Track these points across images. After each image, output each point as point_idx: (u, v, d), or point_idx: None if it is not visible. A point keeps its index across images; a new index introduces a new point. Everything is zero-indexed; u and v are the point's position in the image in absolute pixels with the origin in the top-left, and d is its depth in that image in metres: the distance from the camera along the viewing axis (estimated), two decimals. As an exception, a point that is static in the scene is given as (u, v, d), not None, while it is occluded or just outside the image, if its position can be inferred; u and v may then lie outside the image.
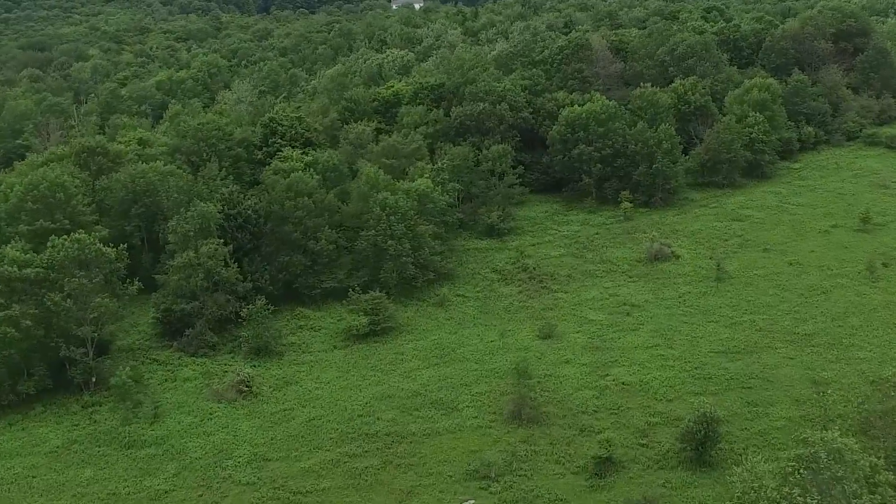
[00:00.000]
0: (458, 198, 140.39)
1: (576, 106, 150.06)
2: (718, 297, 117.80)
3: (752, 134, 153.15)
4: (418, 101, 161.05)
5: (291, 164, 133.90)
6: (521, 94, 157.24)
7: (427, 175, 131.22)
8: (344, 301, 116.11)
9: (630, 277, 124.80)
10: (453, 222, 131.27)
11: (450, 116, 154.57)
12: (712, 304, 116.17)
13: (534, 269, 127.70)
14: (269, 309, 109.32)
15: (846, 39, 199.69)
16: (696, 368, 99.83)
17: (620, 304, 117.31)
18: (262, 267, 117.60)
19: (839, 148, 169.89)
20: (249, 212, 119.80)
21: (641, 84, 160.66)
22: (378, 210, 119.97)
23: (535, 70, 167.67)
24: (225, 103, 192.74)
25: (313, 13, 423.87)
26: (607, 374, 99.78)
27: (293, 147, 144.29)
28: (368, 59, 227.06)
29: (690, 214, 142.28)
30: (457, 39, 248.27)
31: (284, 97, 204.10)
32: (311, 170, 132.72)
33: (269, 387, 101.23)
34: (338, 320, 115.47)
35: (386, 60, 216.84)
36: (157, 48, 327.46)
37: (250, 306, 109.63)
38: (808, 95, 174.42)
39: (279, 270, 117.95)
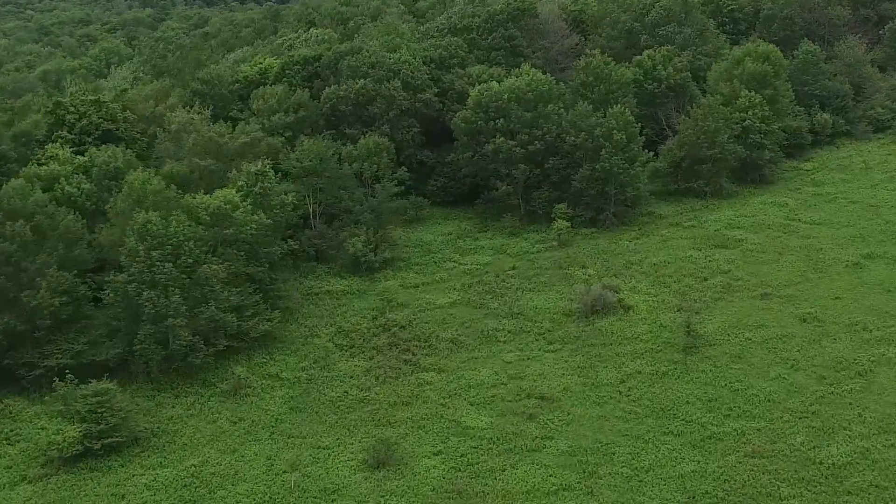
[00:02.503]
0: (314, 215, 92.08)
1: (493, 83, 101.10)
2: (686, 382, 68.96)
3: (745, 121, 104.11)
4: (285, 78, 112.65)
5: (55, 167, 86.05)
6: (424, 68, 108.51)
7: (235, 184, 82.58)
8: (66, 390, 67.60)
9: (549, 343, 75.90)
10: (281, 256, 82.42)
11: (319, 100, 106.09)
12: (675, 396, 67.35)
13: (403, 328, 79.13)
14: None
15: (868, 6, 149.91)
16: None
17: (523, 396, 68.45)
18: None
19: (865, 142, 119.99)
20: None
21: (587, 52, 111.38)
22: (133, 241, 71.40)
23: (452, 39, 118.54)
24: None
25: (284, 2, 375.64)
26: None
27: (83, 142, 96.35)
28: (286, 40, 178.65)
29: (654, 238, 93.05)
30: (396, 18, 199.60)
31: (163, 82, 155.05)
32: (82, 176, 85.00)
33: None
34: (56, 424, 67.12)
35: (297, 41, 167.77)
36: (73, 38, 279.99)
37: None
38: (823, 73, 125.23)
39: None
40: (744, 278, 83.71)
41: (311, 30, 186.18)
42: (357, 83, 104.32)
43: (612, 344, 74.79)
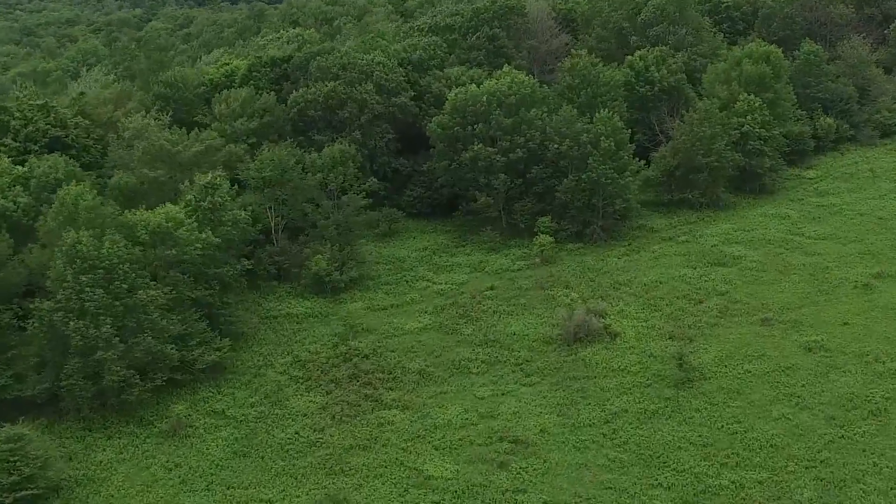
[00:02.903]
0: (276, 230, 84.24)
1: (471, 85, 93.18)
2: (678, 423, 61.13)
3: (744, 127, 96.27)
4: (252, 81, 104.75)
5: (-9, 178, 78.26)
6: (400, 70, 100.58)
7: (185, 198, 74.67)
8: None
9: (527, 375, 68.06)
10: (233, 277, 74.35)
11: (286, 103, 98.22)
12: (665, 439, 59.51)
13: (366, 357, 71.27)
14: None
15: (873, 4, 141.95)
16: None
17: (495, 440, 60.56)
18: None
19: (871, 148, 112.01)
20: None
21: (573, 52, 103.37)
22: (61, 264, 63.50)
23: (431, 38, 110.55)
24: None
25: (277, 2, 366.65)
26: None
27: (29, 150, 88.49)
28: (265, 41, 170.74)
29: (645, 255, 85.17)
30: (383, 18, 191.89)
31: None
32: (19, 188, 77.20)
33: None
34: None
35: (275, 41, 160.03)
36: (54, 39, 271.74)
37: None
38: (825, 75, 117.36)
39: None
40: (742, 300, 75.89)
41: (291, 29, 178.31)
42: (326, 86, 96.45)
43: (595, 377, 66.96)
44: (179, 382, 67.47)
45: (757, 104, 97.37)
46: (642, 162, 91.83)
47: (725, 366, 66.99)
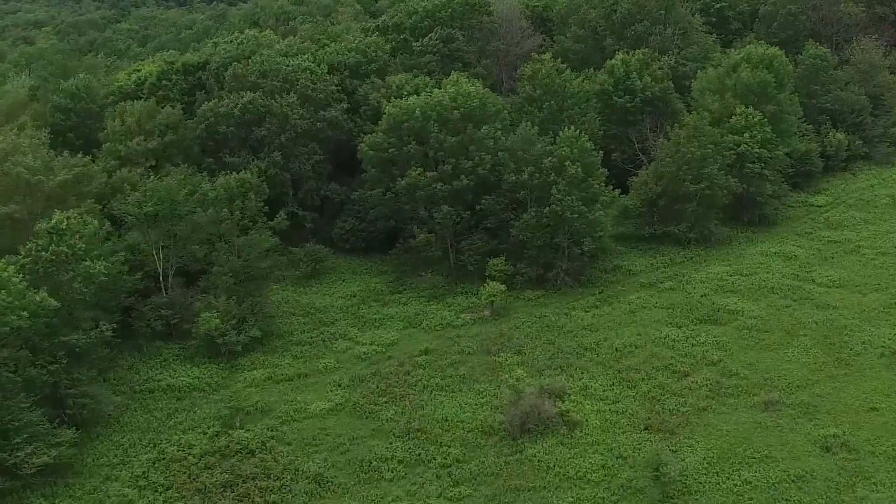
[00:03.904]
0: (164, 277, 67.12)
1: (412, 97, 75.99)
2: (652, 570, 44.31)
3: (741, 146, 79.26)
4: (161, 90, 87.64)
5: None
6: (332, 78, 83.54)
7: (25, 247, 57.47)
8: None
9: (456, 484, 50.73)
10: (87, 345, 56.90)
11: (193, 118, 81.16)
12: None
13: (251, 453, 54.11)
14: None
15: (885, 2, 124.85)
16: None
17: None
18: None
19: (887, 167, 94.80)
20: None
21: (535, 56, 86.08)
22: None
23: (370, 40, 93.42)
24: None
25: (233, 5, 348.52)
26: None
27: None
28: (215, 42, 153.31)
29: (619, 307, 67.95)
30: (349, 18, 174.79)
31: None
32: None
33: None
34: None
35: (225, 45, 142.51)
36: (10, 41, 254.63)
37: None
38: (834, 82, 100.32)
39: None
40: (740, 374, 58.81)
41: (248, 31, 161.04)
42: (242, 97, 79.47)
43: (545, 487, 49.89)
44: (4, 491, 50.55)
45: (756, 119, 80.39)
46: (617, 191, 74.60)
47: (717, 473, 49.94)
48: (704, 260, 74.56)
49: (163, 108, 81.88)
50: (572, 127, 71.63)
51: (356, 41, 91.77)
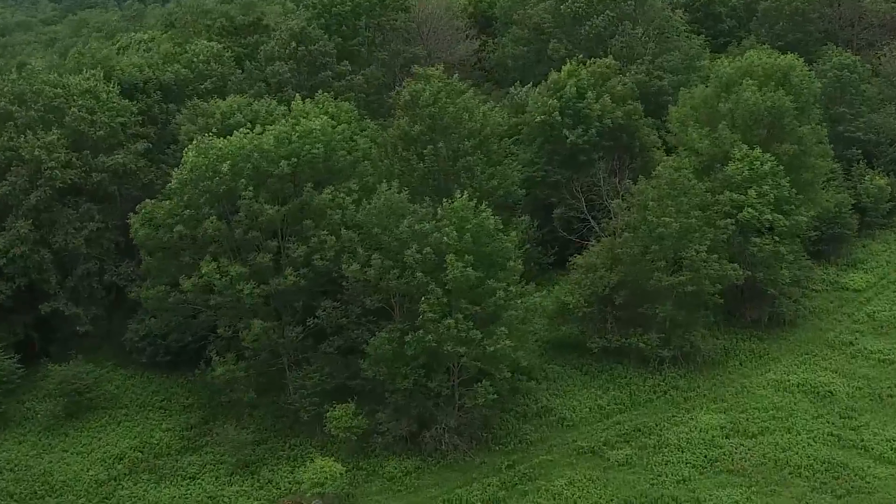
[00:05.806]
0: None
1: (242, 132, 46.30)
2: None
3: (743, 210, 50.10)
4: None
5: None
6: (129, 103, 54.00)
7: None
8: None
9: None
10: None
11: None
12: None
13: None
14: None
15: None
16: None
17: None
18: None
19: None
20: None
21: (416, 68, 56.03)
22: None
23: (204, 44, 63.14)
24: None
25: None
26: None
27: None
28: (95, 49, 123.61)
29: (540, 500, 38.82)
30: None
31: None
32: None
33: None
34: None
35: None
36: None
37: None
38: (866, 102, 70.98)
39: None
40: None
41: (144, 33, 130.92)
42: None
43: None
44: None
45: (768, 165, 50.87)
46: (542, 291, 45.34)
47: None
48: (686, 400, 45.28)
49: None
50: (465, 192, 41.98)
51: (197, 48, 62.29)
